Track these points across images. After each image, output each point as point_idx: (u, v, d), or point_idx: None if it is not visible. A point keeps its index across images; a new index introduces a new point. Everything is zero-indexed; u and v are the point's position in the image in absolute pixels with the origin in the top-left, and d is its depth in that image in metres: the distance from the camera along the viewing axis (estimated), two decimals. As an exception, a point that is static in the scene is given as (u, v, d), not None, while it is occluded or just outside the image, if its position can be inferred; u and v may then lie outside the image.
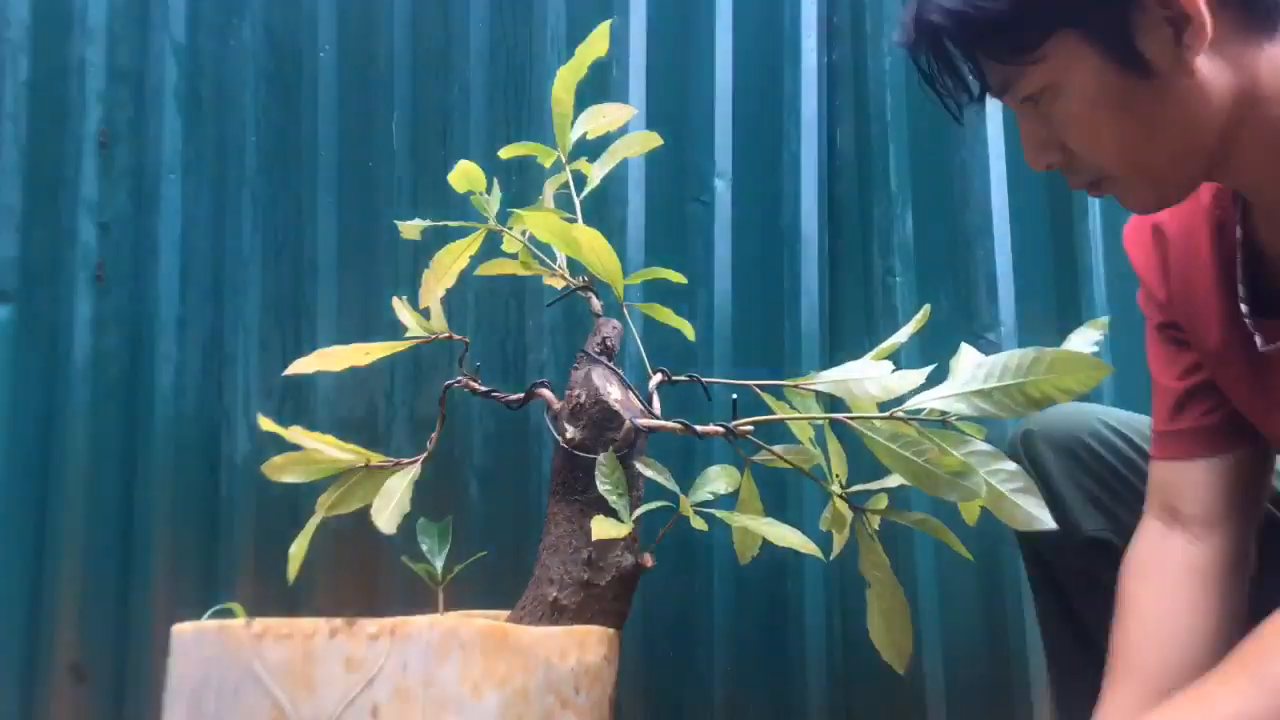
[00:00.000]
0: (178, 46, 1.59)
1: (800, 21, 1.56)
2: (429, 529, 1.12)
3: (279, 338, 1.55)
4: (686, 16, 1.56)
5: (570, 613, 0.93)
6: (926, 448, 0.88)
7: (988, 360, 0.87)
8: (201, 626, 0.81)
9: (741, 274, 1.52)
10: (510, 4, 1.59)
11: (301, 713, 0.75)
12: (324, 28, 1.60)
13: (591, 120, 1.13)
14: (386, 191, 1.57)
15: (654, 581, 1.03)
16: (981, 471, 0.86)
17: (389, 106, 1.59)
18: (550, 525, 0.98)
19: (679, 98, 1.55)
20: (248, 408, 1.51)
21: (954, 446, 0.87)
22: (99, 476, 1.50)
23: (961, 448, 0.87)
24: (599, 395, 0.98)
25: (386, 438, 1.51)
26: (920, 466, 0.88)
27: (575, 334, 1.49)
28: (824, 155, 1.56)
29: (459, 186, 1.07)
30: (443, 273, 1.08)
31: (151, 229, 1.56)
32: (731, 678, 1.44)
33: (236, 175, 1.58)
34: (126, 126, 1.58)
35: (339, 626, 0.77)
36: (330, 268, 1.56)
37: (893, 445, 0.90)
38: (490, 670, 0.79)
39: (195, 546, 1.49)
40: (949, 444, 0.87)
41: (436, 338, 1.08)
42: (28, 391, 1.51)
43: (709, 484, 1.01)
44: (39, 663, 1.47)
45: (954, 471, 0.86)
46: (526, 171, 1.49)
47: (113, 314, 1.54)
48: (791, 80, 1.56)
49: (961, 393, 0.87)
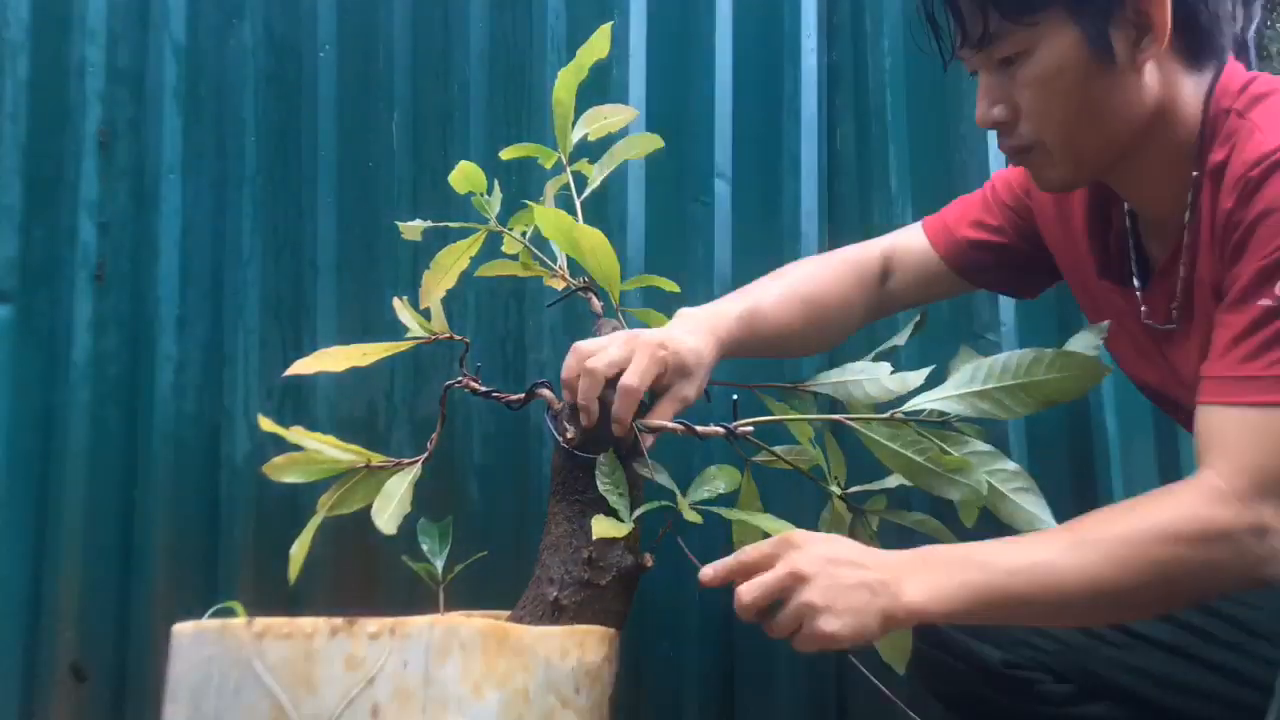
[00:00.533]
0: (178, 46, 1.59)
1: (800, 21, 1.57)
2: (429, 529, 1.12)
3: (279, 338, 1.55)
4: (686, 16, 1.56)
5: (570, 613, 0.93)
6: (926, 446, 0.88)
7: (987, 361, 0.87)
8: (201, 626, 0.81)
9: (741, 274, 1.52)
10: (510, 4, 1.59)
11: (302, 712, 0.75)
12: (324, 28, 1.60)
13: (592, 122, 1.13)
14: (386, 191, 1.58)
15: (653, 581, 1.03)
16: (982, 471, 0.86)
17: (389, 106, 1.59)
18: (550, 525, 0.98)
19: (679, 98, 1.55)
20: (248, 407, 1.51)
21: (953, 446, 0.87)
22: (99, 476, 1.50)
23: (961, 447, 0.88)
24: (599, 395, 0.98)
25: (386, 438, 1.51)
26: (920, 465, 0.88)
27: (575, 334, 1.49)
28: (824, 155, 1.57)
29: (459, 187, 1.07)
30: (443, 273, 1.08)
31: (151, 229, 1.56)
32: (730, 677, 1.44)
33: (236, 175, 1.58)
34: (126, 126, 1.58)
35: (339, 626, 0.77)
36: (330, 268, 1.56)
37: (893, 445, 0.90)
38: (490, 670, 0.79)
39: (195, 546, 1.49)
40: (949, 444, 0.88)
41: (437, 338, 1.08)
42: (28, 391, 1.51)
43: (708, 483, 1.01)
44: (39, 663, 1.47)
45: (954, 469, 0.87)
46: (527, 172, 1.49)
47: (113, 314, 1.54)
48: (791, 80, 1.56)
49: (961, 393, 0.88)
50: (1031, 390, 0.85)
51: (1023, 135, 0.92)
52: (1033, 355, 0.85)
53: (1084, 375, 0.83)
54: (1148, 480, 1.48)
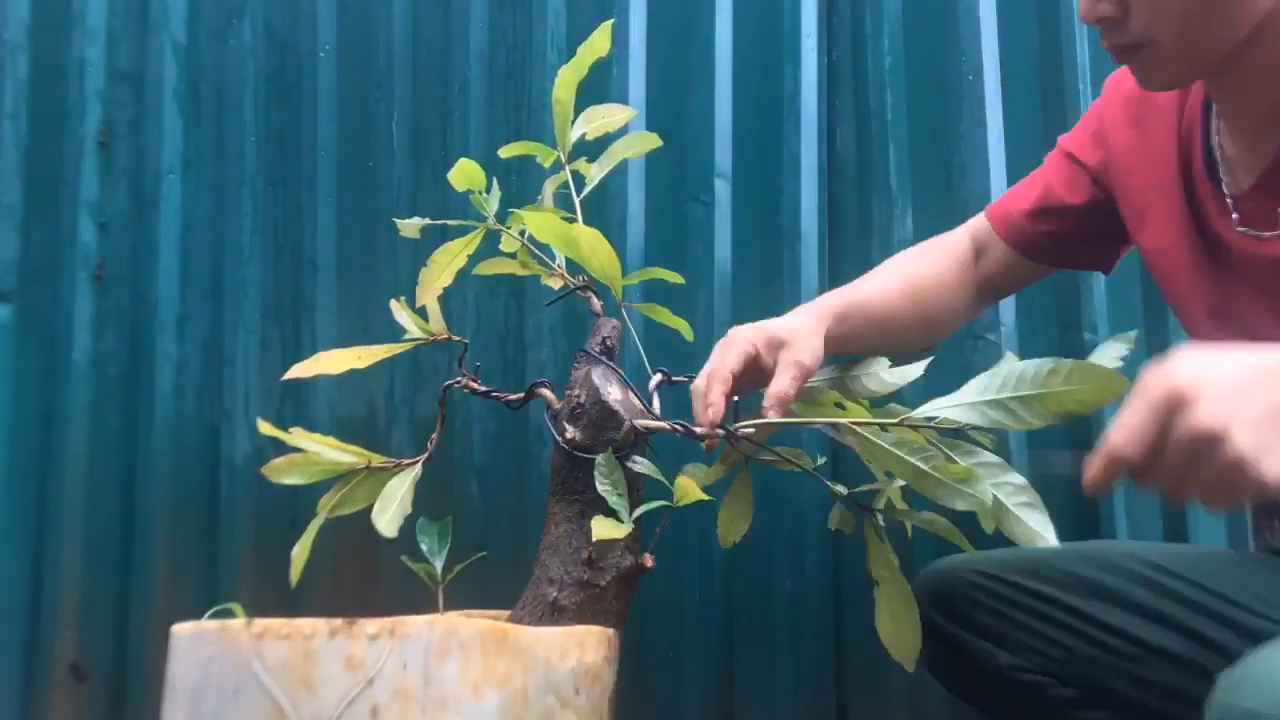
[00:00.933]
0: (178, 46, 1.59)
1: (800, 21, 1.56)
2: (429, 529, 1.12)
3: (279, 338, 1.55)
4: (686, 16, 1.56)
5: (570, 613, 0.93)
6: (933, 455, 0.87)
7: (1003, 370, 0.86)
8: (201, 626, 0.81)
9: (741, 274, 1.52)
10: (510, 4, 1.59)
11: (301, 713, 0.75)
12: (324, 28, 1.60)
13: (591, 121, 1.13)
14: (386, 191, 1.57)
15: (653, 581, 1.03)
16: (988, 483, 0.85)
17: (389, 106, 1.59)
18: (550, 525, 0.98)
19: (679, 98, 1.55)
20: (248, 408, 1.51)
21: (962, 456, 0.87)
22: (99, 476, 1.50)
23: (969, 458, 0.87)
24: (599, 395, 0.98)
25: (386, 438, 1.51)
26: (926, 473, 0.87)
27: (575, 334, 1.49)
28: (824, 155, 1.56)
29: (458, 185, 1.07)
30: (440, 271, 1.08)
31: (151, 229, 1.56)
32: (729, 677, 1.44)
33: (236, 175, 1.57)
34: (126, 126, 1.58)
35: (339, 626, 0.77)
36: (330, 268, 1.56)
37: (898, 451, 0.89)
38: (490, 670, 0.79)
39: (195, 546, 1.49)
40: (957, 453, 0.87)
41: (435, 339, 1.08)
42: (28, 391, 1.51)
43: (696, 473, 1.01)
44: (39, 663, 1.47)
45: (959, 479, 0.86)
46: (526, 171, 1.49)
47: (113, 314, 1.54)
48: (791, 80, 1.56)
49: (975, 402, 0.86)
50: (1047, 401, 0.82)
51: (1133, 32, 0.87)
52: (1050, 365, 0.82)
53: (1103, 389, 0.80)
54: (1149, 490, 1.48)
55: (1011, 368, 0.85)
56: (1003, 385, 0.85)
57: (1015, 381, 0.84)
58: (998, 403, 0.85)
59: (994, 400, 0.85)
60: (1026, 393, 0.83)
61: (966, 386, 0.87)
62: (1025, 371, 0.84)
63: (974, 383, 0.87)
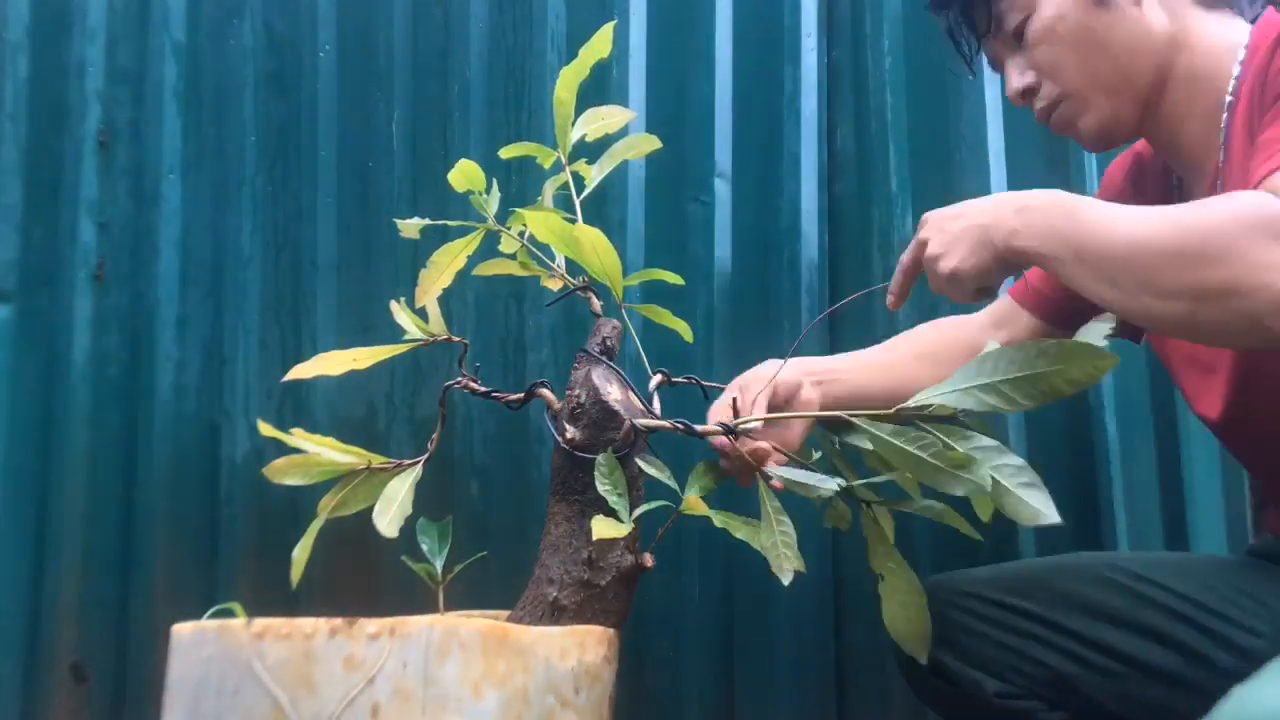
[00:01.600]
0: (178, 46, 1.59)
1: (800, 21, 1.56)
2: (429, 529, 1.12)
3: (279, 338, 1.55)
4: (686, 16, 1.56)
5: (570, 613, 0.93)
6: (931, 443, 0.87)
7: (992, 354, 0.86)
8: (201, 626, 0.81)
9: (741, 274, 1.52)
10: (510, 4, 1.59)
11: (301, 712, 0.75)
12: (324, 28, 1.60)
13: (591, 122, 1.13)
14: (386, 191, 1.57)
15: (653, 581, 1.03)
16: (987, 466, 0.85)
17: (389, 106, 1.59)
18: (550, 525, 0.98)
19: (679, 98, 1.55)
20: (248, 408, 1.51)
21: (958, 442, 0.86)
22: (99, 477, 1.50)
23: (966, 443, 0.87)
24: (599, 395, 0.98)
25: (386, 438, 1.51)
26: (926, 461, 0.87)
27: (575, 334, 1.49)
28: (824, 155, 1.57)
29: (458, 186, 1.07)
30: (439, 272, 1.08)
31: (151, 229, 1.56)
32: (729, 677, 1.44)
33: (236, 175, 1.57)
34: (126, 126, 1.58)
35: (339, 626, 0.77)
36: (330, 268, 1.56)
37: (895, 440, 0.89)
38: (490, 670, 0.79)
39: (195, 547, 1.49)
40: (953, 439, 0.87)
41: (435, 340, 1.08)
42: (28, 391, 1.51)
43: (700, 479, 1.01)
44: (39, 663, 1.47)
45: (958, 465, 0.85)
46: (526, 172, 1.49)
47: (113, 314, 1.54)
48: (791, 80, 1.56)
49: (967, 387, 0.87)
50: (1037, 382, 0.83)
51: (1048, 92, 1.00)
52: (1038, 347, 0.84)
53: (1090, 366, 0.81)
54: (1148, 480, 1.49)
55: (1000, 351, 0.86)
56: (993, 369, 0.86)
57: (1005, 365, 0.85)
58: (989, 386, 0.86)
59: (985, 384, 0.86)
60: (1016, 375, 0.84)
61: (957, 373, 0.88)
62: (1014, 354, 0.84)
63: (964, 369, 0.87)
